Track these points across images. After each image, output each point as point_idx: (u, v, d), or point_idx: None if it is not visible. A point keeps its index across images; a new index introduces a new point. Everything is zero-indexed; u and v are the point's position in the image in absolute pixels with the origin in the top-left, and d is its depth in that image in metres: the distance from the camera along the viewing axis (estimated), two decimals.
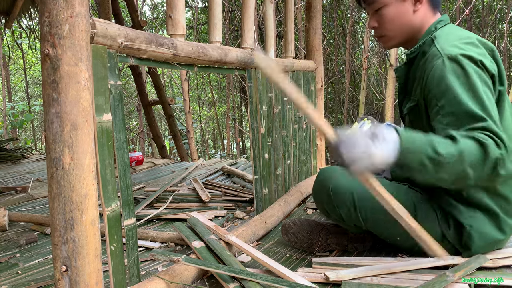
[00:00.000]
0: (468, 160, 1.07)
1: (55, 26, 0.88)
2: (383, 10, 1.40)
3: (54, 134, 0.90)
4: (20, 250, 1.75)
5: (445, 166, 1.08)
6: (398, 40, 1.44)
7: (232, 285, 1.22)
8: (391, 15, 1.39)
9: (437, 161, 1.07)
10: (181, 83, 6.14)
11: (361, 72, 6.99)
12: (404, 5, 1.38)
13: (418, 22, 1.39)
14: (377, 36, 1.46)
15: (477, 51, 1.22)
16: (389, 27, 1.41)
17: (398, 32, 1.42)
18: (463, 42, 1.25)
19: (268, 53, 2.13)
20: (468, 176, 1.09)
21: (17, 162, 4.36)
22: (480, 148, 1.08)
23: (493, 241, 1.30)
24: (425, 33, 1.40)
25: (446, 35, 1.30)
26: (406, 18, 1.39)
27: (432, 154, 1.07)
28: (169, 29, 1.43)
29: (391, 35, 1.43)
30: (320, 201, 1.42)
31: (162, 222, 2.06)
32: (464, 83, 1.18)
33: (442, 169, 1.08)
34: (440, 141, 1.09)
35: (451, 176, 1.10)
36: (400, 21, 1.39)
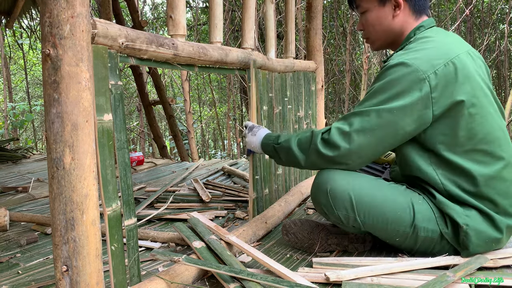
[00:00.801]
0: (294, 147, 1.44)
1: (56, 27, 0.88)
2: (366, 15, 1.49)
3: (55, 134, 0.90)
4: (20, 250, 1.76)
5: (281, 151, 1.49)
6: (380, 43, 1.53)
7: (232, 285, 1.22)
8: (372, 20, 1.48)
9: (277, 148, 1.50)
10: (182, 83, 6.15)
11: (361, 72, 6.99)
12: (384, 10, 1.44)
13: (398, 27, 1.45)
14: (363, 37, 1.58)
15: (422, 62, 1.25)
16: (371, 30, 1.50)
17: (380, 35, 1.50)
18: (418, 52, 1.29)
19: (268, 53, 2.13)
20: (296, 158, 1.43)
21: (18, 162, 4.37)
22: (309, 137, 1.41)
23: (490, 239, 1.30)
24: (404, 39, 1.46)
25: (414, 46, 1.34)
26: (386, 23, 1.46)
27: (275, 145, 1.52)
28: (170, 29, 1.43)
29: (374, 38, 1.52)
30: (319, 203, 1.41)
31: (163, 222, 2.06)
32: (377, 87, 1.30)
33: (281, 153, 1.50)
34: (286, 135, 1.51)
35: (285, 158, 1.49)
36: (380, 25, 1.47)
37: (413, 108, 1.25)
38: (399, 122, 1.27)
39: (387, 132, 1.29)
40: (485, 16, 7.53)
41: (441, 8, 7.64)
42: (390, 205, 1.33)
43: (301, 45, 6.10)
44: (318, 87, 2.69)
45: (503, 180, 1.30)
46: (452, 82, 1.25)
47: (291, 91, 2.32)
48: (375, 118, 1.28)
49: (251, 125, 1.71)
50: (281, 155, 1.50)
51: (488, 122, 1.29)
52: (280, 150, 1.49)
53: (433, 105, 1.25)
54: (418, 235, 1.34)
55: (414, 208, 1.33)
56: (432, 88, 1.24)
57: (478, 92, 1.28)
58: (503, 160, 1.31)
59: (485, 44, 6.46)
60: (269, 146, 1.56)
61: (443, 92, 1.25)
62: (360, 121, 1.30)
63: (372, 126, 1.29)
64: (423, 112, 1.26)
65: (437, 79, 1.24)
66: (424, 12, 1.45)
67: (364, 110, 1.30)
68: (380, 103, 1.28)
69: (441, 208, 1.32)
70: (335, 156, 1.34)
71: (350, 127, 1.32)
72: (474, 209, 1.30)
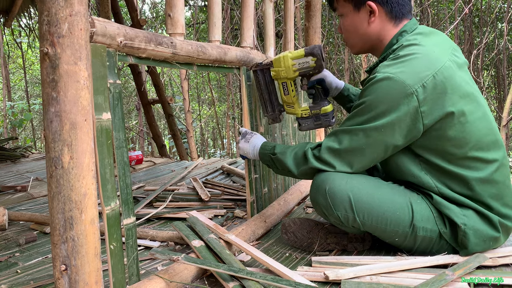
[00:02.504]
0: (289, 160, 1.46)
1: (54, 25, 0.88)
2: (341, 19, 1.46)
3: (54, 133, 0.90)
4: (19, 249, 1.75)
5: (277, 162, 1.51)
6: (357, 48, 1.50)
7: (231, 284, 1.22)
8: (348, 25, 1.45)
9: (274, 159, 1.52)
10: (181, 82, 6.14)
11: (360, 71, 6.99)
12: (358, 16, 1.41)
13: (375, 33, 1.41)
14: (343, 41, 1.56)
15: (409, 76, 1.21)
16: (347, 35, 1.48)
17: (356, 41, 1.47)
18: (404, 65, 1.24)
19: (267, 52, 2.13)
20: (291, 171, 1.47)
21: (16, 161, 4.36)
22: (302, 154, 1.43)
23: (488, 238, 1.31)
24: (386, 46, 1.41)
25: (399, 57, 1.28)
26: (361, 29, 1.42)
27: (272, 155, 1.53)
28: (169, 28, 1.43)
29: (351, 43, 1.50)
30: (318, 204, 1.41)
31: (162, 221, 2.06)
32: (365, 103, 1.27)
33: (277, 164, 1.52)
34: (283, 147, 1.52)
35: (282, 170, 1.51)
36: (355, 31, 1.44)
37: (401, 123, 1.24)
38: (388, 139, 1.27)
39: (376, 149, 1.30)
40: (484, 14, 7.54)
41: (440, 6, 7.64)
42: (389, 205, 1.33)
43: (300, 44, 6.10)
44: None
45: (495, 182, 1.30)
46: (442, 94, 1.22)
47: None
48: (363, 137, 1.29)
49: (244, 131, 1.70)
50: (277, 165, 1.53)
51: (478, 128, 1.28)
52: (276, 160, 1.52)
53: (423, 119, 1.23)
54: (417, 234, 1.34)
55: (412, 208, 1.33)
56: (420, 102, 1.21)
57: (466, 99, 1.26)
58: (496, 162, 1.30)
59: (484, 43, 6.46)
60: (266, 156, 1.57)
61: (433, 105, 1.22)
62: (349, 140, 1.31)
63: (360, 145, 1.30)
64: (412, 126, 1.24)
65: (425, 93, 1.21)
66: (404, 17, 1.39)
67: (352, 129, 1.30)
68: (368, 121, 1.27)
69: (438, 208, 1.32)
70: (328, 171, 1.38)
71: (340, 145, 1.33)
72: (470, 209, 1.31)
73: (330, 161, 1.36)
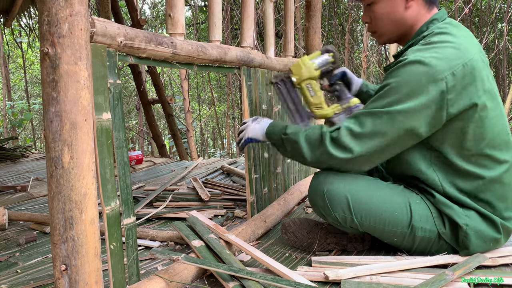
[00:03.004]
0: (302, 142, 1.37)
1: (55, 25, 0.88)
2: (374, 6, 1.38)
3: (54, 133, 0.90)
4: (19, 249, 1.75)
5: (288, 143, 1.41)
6: (389, 36, 1.43)
7: (231, 284, 1.22)
8: (382, 11, 1.37)
9: (284, 139, 1.42)
10: (181, 82, 6.14)
11: (360, 71, 6.99)
12: (395, 1, 1.35)
13: (411, 18, 1.36)
14: (369, 31, 1.47)
15: (440, 62, 1.19)
16: (380, 23, 1.40)
17: (389, 28, 1.40)
18: (436, 50, 1.23)
19: (267, 52, 2.13)
20: (303, 153, 1.37)
21: (16, 161, 4.36)
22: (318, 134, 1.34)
23: (489, 239, 1.31)
24: (415, 33, 1.37)
25: (430, 43, 1.26)
26: (397, 14, 1.36)
27: (282, 135, 1.44)
28: (169, 28, 1.43)
29: (382, 31, 1.42)
30: (316, 205, 1.41)
31: (162, 221, 2.06)
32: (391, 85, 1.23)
33: (287, 145, 1.42)
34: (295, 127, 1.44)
35: (292, 151, 1.41)
36: (391, 17, 1.37)
37: (427, 109, 1.20)
38: (412, 124, 1.22)
39: (400, 135, 1.24)
40: (484, 15, 7.54)
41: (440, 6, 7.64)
42: (387, 205, 1.33)
43: (300, 44, 6.10)
44: None
45: (502, 183, 1.30)
46: (469, 84, 1.21)
47: None
48: (388, 121, 1.23)
49: (254, 117, 1.64)
50: (287, 146, 1.42)
51: (495, 126, 1.27)
52: (287, 141, 1.41)
53: (447, 107, 1.20)
54: (416, 235, 1.33)
55: (411, 209, 1.33)
56: (448, 89, 1.19)
57: (488, 95, 1.25)
58: (506, 163, 1.30)
59: (484, 43, 6.46)
60: (275, 135, 1.47)
61: (459, 94, 1.20)
62: (372, 123, 1.24)
63: (384, 129, 1.23)
64: (436, 114, 1.21)
65: (454, 81, 1.19)
66: (434, 5, 1.37)
67: (376, 111, 1.24)
68: (393, 103, 1.22)
69: (440, 208, 1.32)
70: (344, 158, 1.29)
71: (361, 128, 1.26)
72: (472, 210, 1.30)
73: (349, 145, 1.27)
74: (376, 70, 7.71)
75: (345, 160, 1.29)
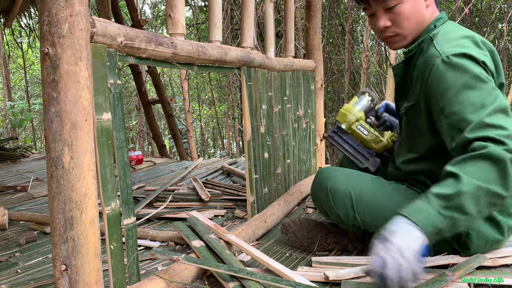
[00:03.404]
0: (484, 182, 1.00)
1: (55, 25, 0.88)
2: (398, 8, 1.31)
3: (54, 133, 0.90)
4: (19, 249, 1.75)
5: (466, 205, 1.01)
6: (412, 37, 1.37)
7: (231, 284, 1.22)
8: (408, 11, 1.31)
9: (458, 211, 1.01)
10: (181, 82, 6.14)
11: (360, 71, 6.99)
12: (419, 0, 1.32)
13: (428, 17, 1.34)
14: (389, 35, 1.36)
15: (478, 51, 1.20)
16: (406, 24, 1.33)
17: (413, 28, 1.34)
18: (464, 41, 1.22)
19: (268, 52, 2.13)
20: (497, 193, 1.01)
21: (16, 161, 4.36)
22: (490, 162, 1.01)
23: (492, 240, 1.30)
24: (424, 31, 1.34)
25: (445, 33, 1.26)
26: (421, 13, 1.32)
27: (448, 213, 1.01)
28: (169, 28, 1.43)
29: (406, 33, 1.35)
30: (319, 201, 1.41)
31: (162, 221, 2.06)
32: (466, 82, 1.15)
33: (466, 211, 1.01)
34: (443, 193, 1.03)
35: (481, 206, 1.02)
36: (416, 17, 1.32)
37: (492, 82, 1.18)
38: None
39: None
40: (484, 15, 7.54)
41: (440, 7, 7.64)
42: (390, 204, 1.33)
43: (300, 44, 6.10)
44: (317, 86, 2.69)
45: None
46: (496, 69, 1.24)
47: (290, 90, 2.31)
48: (499, 104, 1.10)
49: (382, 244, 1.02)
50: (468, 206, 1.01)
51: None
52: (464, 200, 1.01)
53: None
54: None
55: None
56: (491, 73, 1.20)
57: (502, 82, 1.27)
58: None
59: None
60: (437, 220, 1.02)
61: (494, 77, 1.22)
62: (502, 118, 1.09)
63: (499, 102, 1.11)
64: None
65: (490, 67, 1.20)
66: (438, 5, 1.40)
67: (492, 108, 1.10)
68: (480, 81, 1.13)
69: None
70: None
71: (505, 129, 1.05)
72: None
73: None
74: (376, 70, 7.71)
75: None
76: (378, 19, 1.34)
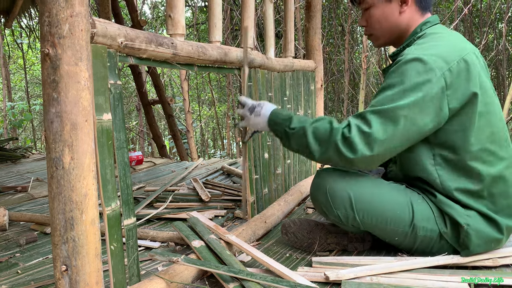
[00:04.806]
0: (310, 137, 1.32)
1: (55, 26, 0.88)
2: (370, 10, 1.46)
3: (54, 134, 0.90)
4: (20, 249, 1.75)
5: (293, 137, 1.37)
6: (384, 39, 1.50)
7: (232, 284, 1.22)
8: (378, 16, 1.45)
9: (289, 133, 1.38)
10: (181, 82, 6.14)
11: (360, 71, 6.99)
12: (390, 6, 1.42)
13: (405, 23, 1.43)
14: (366, 34, 1.53)
15: (438, 59, 1.24)
16: (376, 26, 1.47)
17: (385, 32, 1.47)
18: (432, 49, 1.27)
19: (267, 52, 2.13)
20: (310, 148, 1.32)
21: (17, 162, 4.36)
22: (328, 130, 1.30)
23: (491, 239, 1.31)
24: (410, 34, 1.43)
25: (423, 42, 1.33)
26: (392, 19, 1.43)
27: (287, 128, 1.38)
28: (169, 28, 1.43)
29: (378, 34, 1.49)
30: (318, 202, 1.41)
31: (162, 221, 2.06)
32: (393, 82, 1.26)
33: (292, 139, 1.37)
34: (300, 118, 1.39)
35: (298, 146, 1.37)
36: (386, 21, 1.44)
37: (429, 103, 1.22)
38: (417, 119, 1.23)
39: (406, 131, 1.24)
40: (484, 15, 7.54)
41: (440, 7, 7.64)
42: (389, 204, 1.34)
43: (300, 44, 6.10)
44: (317, 87, 2.69)
45: (505, 180, 1.31)
46: (465, 79, 1.25)
47: (290, 90, 2.32)
48: (394, 117, 1.23)
49: (251, 104, 1.53)
50: (292, 141, 1.38)
51: (493, 121, 1.30)
52: (293, 135, 1.37)
53: (448, 103, 1.24)
54: (417, 234, 1.34)
55: (413, 208, 1.33)
56: (447, 85, 1.23)
57: (484, 90, 1.28)
58: (505, 160, 1.31)
59: (483, 44, 6.46)
60: (279, 126, 1.42)
61: (457, 89, 1.24)
62: (378, 122, 1.24)
63: (392, 127, 1.23)
64: (439, 110, 1.24)
65: (451, 77, 1.23)
66: (429, 9, 1.44)
67: (381, 109, 1.24)
68: (396, 99, 1.23)
69: (441, 207, 1.32)
70: (354, 159, 1.25)
71: (369, 128, 1.24)
72: (473, 210, 1.31)
73: (357, 145, 1.24)
74: (376, 70, 7.71)
75: (354, 160, 1.26)
76: (360, 18, 1.53)
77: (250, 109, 1.53)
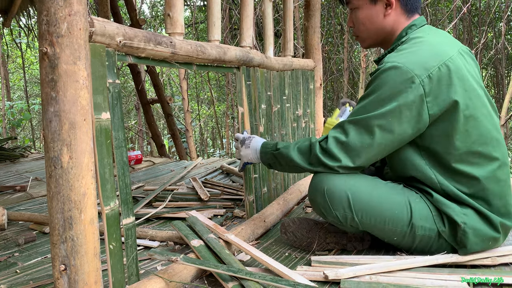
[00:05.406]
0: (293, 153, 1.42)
1: (53, 25, 0.88)
2: (356, 12, 1.46)
3: (53, 133, 0.90)
4: (18, 249, 1.75)
5: (280, 157, 1.47)
6: (370, 42, 1.50)
7: (231, 284, 1.22)
8: (362, 18, 1.45)
9: (276, 154, 1.48)
10: (180, 81, 6.13)
11: (359, 70, 6.99)
12: (375, 9, 1.42)
13: (389, 26, 1.43)
14: (353, 35, 1.55)
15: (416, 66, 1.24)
16: (361, 28, 1.48)
17: (370, 34, 1.48)
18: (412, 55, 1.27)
19: (267, 51, 2.13)
20: (297, 163, 1.42)
21: (15, 161, 4.36)
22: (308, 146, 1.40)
23: (488, 237, 1.31)
24: (396, 38, 1.43)
25: (407, 48, 1.32)
26: (377, 21, 1.44)
27: (274, 151, 1.49)
28: (168, 27, 1.43)
29: (364, 36, 1.50)
30: (316, 203, 1.41)
31: (161, 221, 2.06)
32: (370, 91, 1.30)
33: (281, 159, 1.47)
34: (284, 143, 1.49)
35: (286, 163, 1.46)
36: (371, 24, 1.45)
37: (407, 112, 1.24)
38: (395, 128, 1.26)
39: (384, 140, 1.29)
40: (483, 14, 7.54)
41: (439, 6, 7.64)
42: (387, 204, 1.34)
43: (299, 43, 6.10)
44: (316, 86, 2.69)
45: (498, 180, 1.31)
46: (447, 85, 1.24)
47: (290, 89, 2.31)
48: (370, 127, 1.28)
49: (242, 138, 1.66)
50: (281, 161, 1.48)
51: (482, 124, 1.29)
52: (280, 156, 1.47)
53: (428, 109, 1.25)
54: (416, 233, 1.34)
55: (411, 207, 1.33)
56: (426, 92, 1.23)
57: (471, 93, 1.27)
58: (497, 161, 1.31)
59: (482, 43, 6.46)
60: (267, 154, 1.53)
61: (438, 95, 1.24)
62: (355, 131, 1.30)
63: (368, 136, 1.29)
64: (418, 117, 1.25)
65: (431, 83, 1.23)
66: (416, 11, 1.43)
67: (359, 119, 1.30)
68: (374, 109, 1.27)
69: (438, 206, 1.32)
70: (336, 166, 1.34)
71: (346, 136, 1.32)
72: (470, 208, 1.31)
73: (337, 154, 1.33)
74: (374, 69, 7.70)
75: (336, 166, 1.35)
76: (348, 19, 1.54)
77: (241, 141, 1.65)
